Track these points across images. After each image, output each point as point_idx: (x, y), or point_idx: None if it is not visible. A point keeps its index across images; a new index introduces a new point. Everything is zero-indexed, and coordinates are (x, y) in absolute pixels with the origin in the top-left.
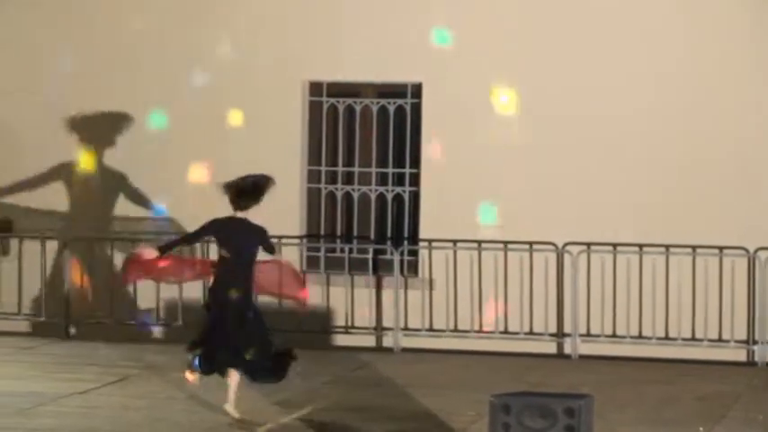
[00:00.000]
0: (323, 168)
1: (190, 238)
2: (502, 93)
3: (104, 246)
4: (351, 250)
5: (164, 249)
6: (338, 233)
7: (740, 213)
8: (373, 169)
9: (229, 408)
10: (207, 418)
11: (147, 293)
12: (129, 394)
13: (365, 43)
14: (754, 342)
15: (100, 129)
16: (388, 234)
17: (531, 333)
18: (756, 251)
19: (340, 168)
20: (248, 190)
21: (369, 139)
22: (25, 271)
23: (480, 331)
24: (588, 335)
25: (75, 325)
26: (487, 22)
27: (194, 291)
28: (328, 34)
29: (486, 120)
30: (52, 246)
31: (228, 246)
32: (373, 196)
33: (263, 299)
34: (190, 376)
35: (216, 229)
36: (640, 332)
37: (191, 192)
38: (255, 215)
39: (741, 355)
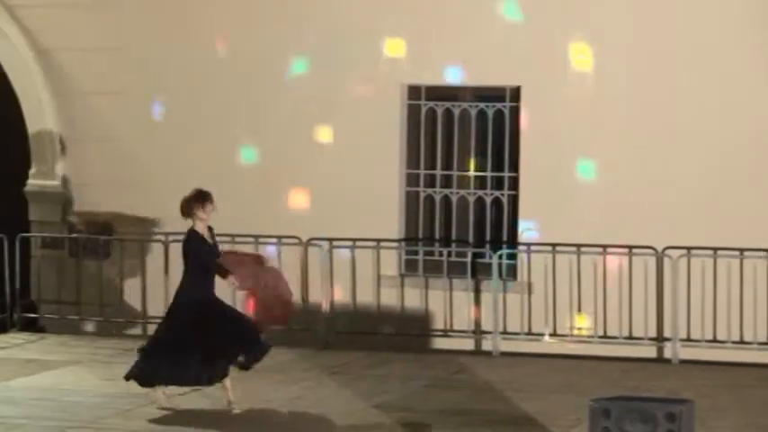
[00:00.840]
0: (421, 172)
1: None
2: (601, 96)
3: None
4: (449, 254)
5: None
6: (437, 237)
7: None
8: (472, 173)
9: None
10: (313, 420)
11: None
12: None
13: (464, 47)
14: None
15: (200, 128)
16: (487, 238)
17: (630, 337)
18: None
19: (438, 172)
20: None
21: (467, 143)
22: (126, 273)
23: (579, 335)
24: (688, 339)
25: None
26: (589, 25)
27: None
28: (427, 38)
29: (585, 124)
30: (152, 248)
31: None
32: (472, 200)
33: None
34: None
35: None
36: (741, 336)
37: (286, 194)
38: (356, 216)
39: None
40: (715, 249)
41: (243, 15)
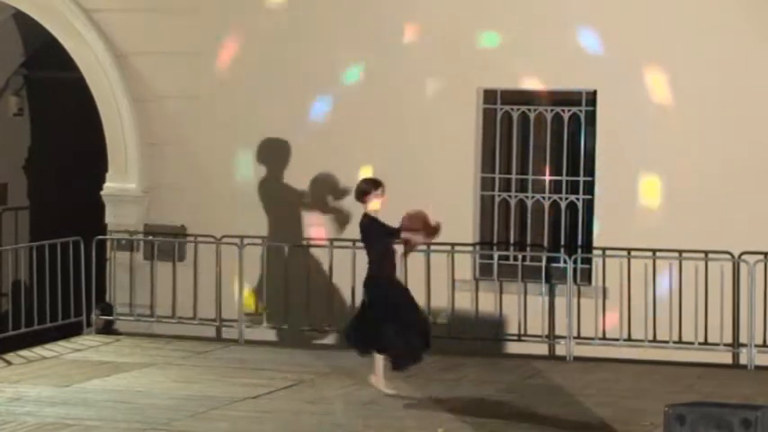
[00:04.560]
0: (496, 176)
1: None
2: (676, 101)
3: (281, 249)
4: (524, 258)
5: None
6: (511, 241)
7: None
8: (547, 177)
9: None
10: (386, 425)
11: (319, 298)
12: (302, 399)
13: (540, 51)
14: None
15: (272, 128)
16: (562, 242)
17: (705, 343)
18: None
19: (513, 176)
20: None
21: (543, 147)
22: (200, 275)
23: (654, 341)
24: (765, 345)
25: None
26: (666, 30)
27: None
28: (502, 42)
29: (662, 129)
30: (227, 250)
31: None
32: (547, 204)
33: None
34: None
35: None
36: None
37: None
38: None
39: None
40: None
41: (316, 19)
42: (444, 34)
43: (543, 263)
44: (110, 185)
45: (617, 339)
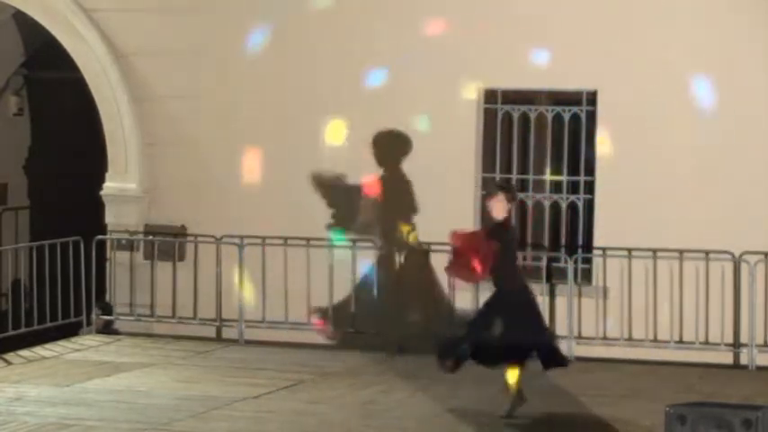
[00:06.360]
0: (497, 176)
1: None
2: (677, 101)
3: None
4: (524, 258)
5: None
6: None
7: None
8: (547, 177)
9: None
10: (386, 425)
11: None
12: (303, 399)
13: (540, 51)
14: None
15: (273, 129)
16: (562, 242)
17: (706, 343)
18: None
19: (514, 176)
20: None
21: (543, 147)
22: (200, 275)
23: (654, 340)
24: (766, 345)
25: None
26: (667, 28)
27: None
28: (503, 42)
29: (662, 128)
30: (227, 250)
31: None
32: (547, 204)
33: None
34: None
35: None
36: None
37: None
38: (431, 220)
39: None
40: None
41: (321, 20)
42: (445, 34)
43: (544, 263)
44: (110, 185)
45: (617, 339)
